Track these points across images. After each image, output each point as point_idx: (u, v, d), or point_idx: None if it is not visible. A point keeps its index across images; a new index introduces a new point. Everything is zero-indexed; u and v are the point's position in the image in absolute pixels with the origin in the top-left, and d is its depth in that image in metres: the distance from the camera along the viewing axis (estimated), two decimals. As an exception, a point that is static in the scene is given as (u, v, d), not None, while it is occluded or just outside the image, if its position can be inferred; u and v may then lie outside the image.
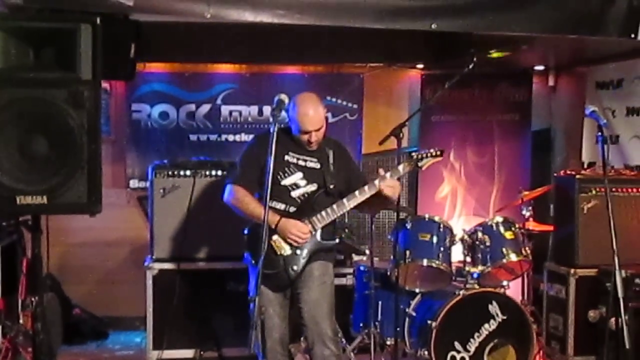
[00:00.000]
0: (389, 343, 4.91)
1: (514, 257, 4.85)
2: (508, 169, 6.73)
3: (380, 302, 4.91)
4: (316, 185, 4.13)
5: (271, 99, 3.87)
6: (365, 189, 4.09)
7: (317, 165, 4.16)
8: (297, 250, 4.04)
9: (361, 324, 5.06)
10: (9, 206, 3.20)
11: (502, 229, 4.90)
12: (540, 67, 6.78)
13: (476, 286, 4.83)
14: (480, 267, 4.85)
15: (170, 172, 5.25)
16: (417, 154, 4.32)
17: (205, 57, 6.17)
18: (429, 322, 4.69)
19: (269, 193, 3.66)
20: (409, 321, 4.89)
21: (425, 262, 4.75)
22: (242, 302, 3.97)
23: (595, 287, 5.06)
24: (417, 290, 4.93)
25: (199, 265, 5.29)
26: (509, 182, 6.62)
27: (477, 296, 4.76)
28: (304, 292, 4.07)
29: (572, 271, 5.17)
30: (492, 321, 4.74)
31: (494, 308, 4.75)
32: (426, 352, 4.69)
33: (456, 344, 4.71)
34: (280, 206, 4.07)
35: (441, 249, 4.78)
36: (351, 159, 4.41)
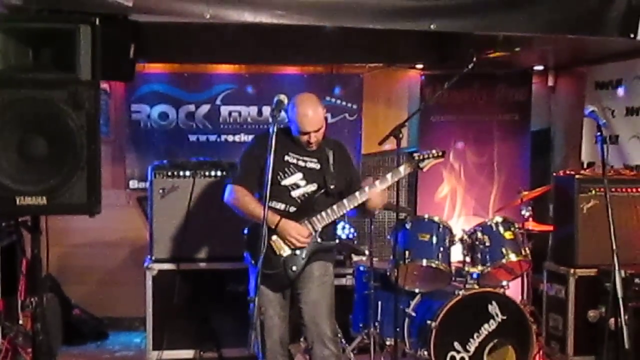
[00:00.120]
0: (388, 343, 4.91)
1: (513, 257, 4.86)
2: (507, 169, 6.72)
3: (379, 303, 4.91)
4: (316, 186, 4.13)
5: (271, 100, 3.86)
6: (357, 194, 4.11)
7: (317, 166, 4.16)
8: (297, 251, 4.04)
9: (361, 324, 5.06)
10: (8, 207, 3.20)
11: (501, 229, 4.91)
12: (539, 67, 6.77)
13: (476, 286, 4.83)
14: (480, 267, 4.86)
15: (169, 173, 5.24)
16: (418, 155, 4.32)
17: (205, 57, 6.16)
18: (429, 322, 4.69)
19: (269, 193, 3.67)
20: (408, 321, 4.89)
21: (424, 262, 4.75)
22: (242, 302, 3.98)
23: (594, 287, 5.06)
24: (417, 291, 4.93)
25: (198, 265, 5.28)
26: (508, 182, 6.62)
27: (477, 296, 4.77)
28: (303, 293, 4.07)
29: (572, 271, 5.17)
30: (491, 321, 4.74)
31: (493, 308, 4.75)
32: (426, 352, 4.69)
33: (456, 344, 4.71)
34: (280, 206, 4.07)
35: (441, 249, 4.78)
36: (351, 160, 4.41)
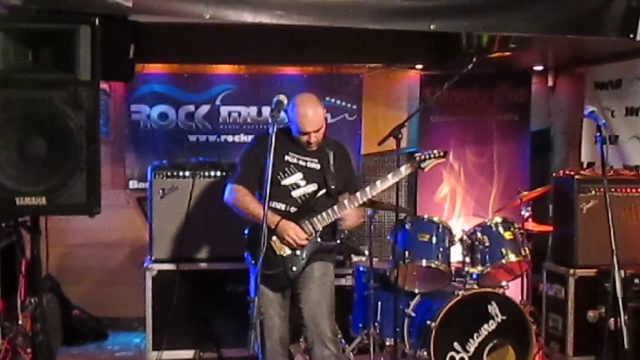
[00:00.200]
0: (388, 343, 4.91)
1: (513, 257, 4.86)
2: (507, 169, 6.72)
3: (379, 303, 4.91)
4: (316, 186, 4.13)
5: (270, 100, 3.86)
6: (357, 195, 4.10)
7: (318, 166, 4.16)
8: (297, 251, 4.04)
9: (360, 325, 5.05)
10: (8, 207, 3.20)
11: (501, 229, 4.91)
12: (539, 68, 6.77)
13: (475, 286, 4.83)
14: (480, 268, 4.86)
15: (169, 173, 5.24)
16: (419, 155, 4.31)
17: (205, 57, 6.16)
18: (428, 322, 4.68)
19: (269, 193, 3.67)
20: (408, 322, 4.89)
21: (424, 262, 4.75)
22: (242, 302, 3.97)
23: (594, 287, 5.06)
24: (417, 291, 4.93)
25: (198, 265, 5.28)
26: (508, 183, 6.62)
27: (477, 296, 4.76)
28: (304, 293, 4.07)
29: (571, 271, 5.17)
30: (491, 321, 4.73)
31: (493, 308, 4.74)
32: (425, 353, 4.68)
33: (455, 345, 4.70)
34: (280, 206, 4.07)
35: (440, 249, 4.78)
36: (350, 162, 4.41)
